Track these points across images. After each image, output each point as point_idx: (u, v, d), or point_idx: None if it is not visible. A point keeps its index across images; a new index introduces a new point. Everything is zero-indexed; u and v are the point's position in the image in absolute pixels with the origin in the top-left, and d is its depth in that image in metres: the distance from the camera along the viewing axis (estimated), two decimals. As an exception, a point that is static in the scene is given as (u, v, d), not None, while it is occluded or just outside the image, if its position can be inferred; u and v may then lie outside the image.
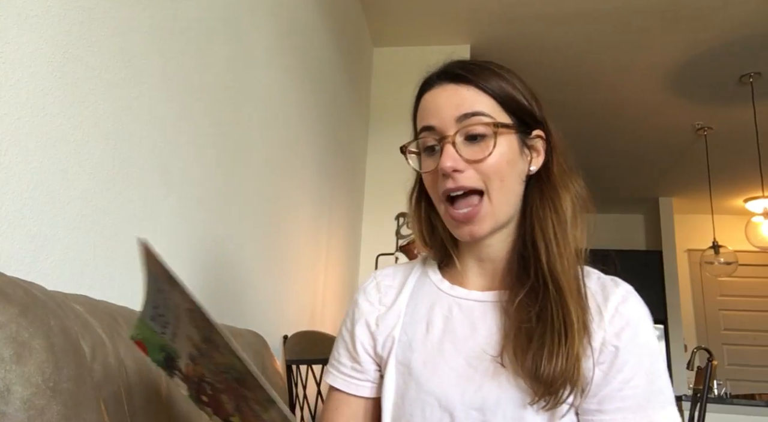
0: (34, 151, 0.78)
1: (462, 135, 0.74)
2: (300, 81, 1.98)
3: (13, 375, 0.49)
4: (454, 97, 0.76)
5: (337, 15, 2.47)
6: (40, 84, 0.79)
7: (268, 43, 1.67)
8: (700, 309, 5.31)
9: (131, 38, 1.00)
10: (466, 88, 0.76)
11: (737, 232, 4.08)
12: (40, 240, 0.78)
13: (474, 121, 0.74)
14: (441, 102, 0.76)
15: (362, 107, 2.98)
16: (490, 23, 2.89)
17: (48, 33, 0.81)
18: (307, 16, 2.06)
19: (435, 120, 0.76)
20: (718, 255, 3.97)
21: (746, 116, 3.44)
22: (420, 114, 0.80)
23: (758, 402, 3.26)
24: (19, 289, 0.55)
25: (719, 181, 4.18)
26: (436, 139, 0.76)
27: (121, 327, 0.73)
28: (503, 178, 0.73)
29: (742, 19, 2.75)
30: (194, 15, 1.23)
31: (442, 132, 0.75)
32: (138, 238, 0.51)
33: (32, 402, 0.50)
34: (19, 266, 0.75)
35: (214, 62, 1.33)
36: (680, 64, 3.17)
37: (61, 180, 0.82)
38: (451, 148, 0.73)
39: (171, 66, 1.13)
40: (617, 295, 0.72)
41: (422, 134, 0.77)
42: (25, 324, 0.51)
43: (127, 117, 0.99)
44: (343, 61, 2.56)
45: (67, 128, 0.84)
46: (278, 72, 1.76)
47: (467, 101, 0.75)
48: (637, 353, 0.69)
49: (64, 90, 0.84)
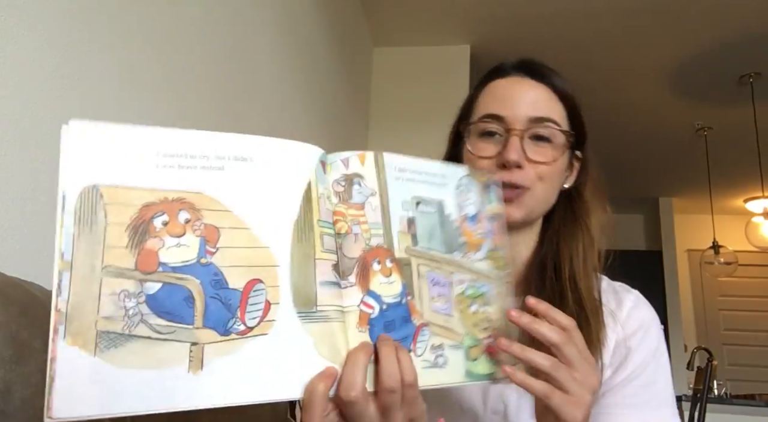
0: (34, 150, 0.78)
1: (530, 134, 0.74)
2: (300, 81, 1.98)
3: (13, 375, 0.49)
4: (529, 94, 0.75)
5: (337, 15, 2.47)
6: (40, 84, 0.79)
7: (268, 43, 1.67)
8: (700, 309, 5.31)
9: (132, 38, 1.00)
10: (543, 88, 0.76)
11: (737, 232, 4.08)
12: (40, 240, 0.78)
13: (547, 126, 0.74)
14: (517, 95, 0.75)
15: (362, 107, 2.98)
16: (490, 23, 2.89)
17: (48, 33, 0.81)
18: (307, 16, 2.06)
19: (506, 111, 0.74)
20: (718, 256, 3.97)
21: (746, 116, 3.44)
22: (486, 99, 0.78)
23: (758, 402, 3.26)
24: (19, 289, 0.55)
25: (719, 181, 4.18)
26: (501, 128, 0.74)
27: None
28: (552, 185, 0.75)
29: (742, 19, 2.75)
30: (195, 15, 1.23)
31: (511, 124, 0.74)
32: None
33: (32, 403, 0.50)
34: (19, 266, 0.75)
35: (215, 62, 1.33)
36: (680, 64, 3.17)
37: (61, 180, 0.83)
38: (518, 142, 0.72)
39: (171, 66, 1.13)
40: (629, 301, 0.75)
41: (486, 120, 0.75)
42: (24, 324, 0.51)
43: (127, 117, 0.99)
44: (343, 61, 2.55)
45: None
46: (278, 72, 1.76)
47: (543, 104, 0.75)
48: (644, 354, 0.71)
49: (64, 90, 0.84)
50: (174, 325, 0.45)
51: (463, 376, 0.56)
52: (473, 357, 0.57)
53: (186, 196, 0.48)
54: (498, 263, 0.62)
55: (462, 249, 0.60)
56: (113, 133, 0.50)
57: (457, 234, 0.60)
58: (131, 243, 0.46)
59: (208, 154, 0.50)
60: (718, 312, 5.28)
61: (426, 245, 0.58)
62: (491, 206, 0.63)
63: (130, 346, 0.44)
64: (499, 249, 0.62)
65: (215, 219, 0.48)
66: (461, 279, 0.59)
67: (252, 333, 0.47)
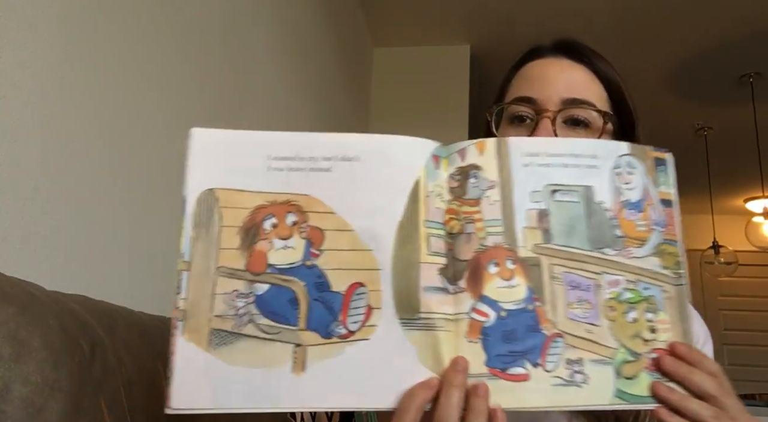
0: (34, 150, 0.78)
1: (563, 117, 0.67)
2: (299, 81, 1.98)
3: (12, 374, 0.49)
4: (565, 74, 0.69)
5: (337, 15, 2.47)
6: (40, 84, 0.79)
7: (267, 43, 1.67)
8: (700, 309, 5.21)
9: (131, 38, 1.01)
10: (581, 69, 0.70)
11: (737, 232, 4.08)
12: (39, 240, 0.78)
13: (583, 107, 0.67)
14: (550, 75, 0.69)
15: (362, 107, 2.98)
16: (490, 23, 2.89)
17: (48, 33, 0.81)
18: (307, 16, 2.06)
19: (537, 93, 0.68)
20: (718, 255, 3.96)
21: (746, 116, 3.43)
22: (518, 82, 0.72)
23: (758, 402, 3.26)
24: (18, 288, 0.55)
25: (719, 181, 4.17)
26: (531, 111, 0.68)
27: (120, 326, 0.73)
28: None
29: (742, 19, 2.75)
30: (194, 15, 1.23)
31: (542, 105, 0.67)
32: None
33: (31, 401, 0.50)
34: (19, 266, 0.75)
35: (214, 62, 1.33)
36: (680, 64, 3.17)
37: (61, 180, 0.83)
38: (549, 124, 0.65)
39: (171, 66, 1.13)
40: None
41: (517, 103, 0.69)
42: (23, 323, 0.51)
43: (127, 117, 0.99)
44: (343, 61, 2.56)
45: (67, 128, 0.84)
46: (277, 72, 1.76)
47: (580, 84, 0.68)
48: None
49: (64, 90, 0.84)
50: (279, 326, 0.46)
51: (611, 398, 0.48)
52: (628, 375, 0.48)
53: (294, 198, 0.49)
54: (670, 260, 0.51)
55: (618, 244, 0.51)
56: (229, 139, 0.51)
57: (612, 226, 0.51)
58: (243, 245, 0.47)
59: (316, 155, 0.50)
60: (719, 312, 5.28)
61: (563, 241, 0.50)
62: (664, 188, 0.54)
63: (239, 345, 0.45)
64: (673, 242, 0.52)
65: (320, 220, 0.49)
66: (615, 281, 0.50)
67: (353, 337, 0.47)
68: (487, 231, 0.49)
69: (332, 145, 0.51)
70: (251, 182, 0.49)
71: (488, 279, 0.49)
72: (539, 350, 0.48)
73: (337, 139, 0.51)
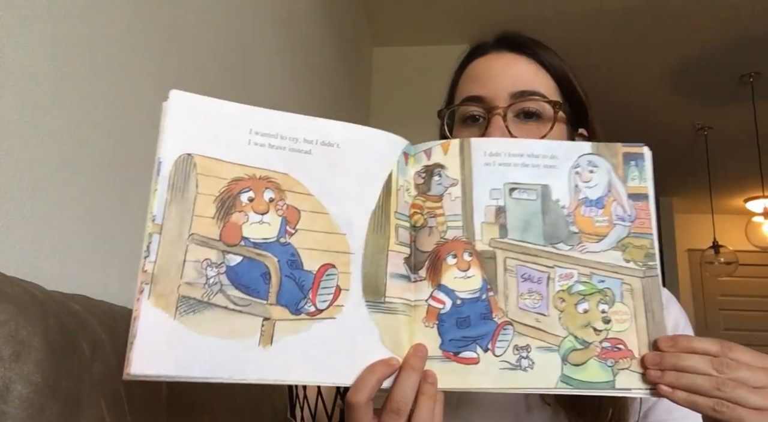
0: (34, 150, 0.78)
1: (514, 111, 0.67)
2: (299, 81, 1.98)
3: (12, 374, 0.49)
4: (511, 68, 0.69)
5: (338, 15, 2.47)
6: (40, 84, 0.79)
7: (267, 43, 1.67)
8: (700, 309, 5.31)
9: (131, 38, 1.01)
10: (525, 61, 0.69)
11: (737, 232, 4.08)
12: (39, 240, 0.78)
13: (532, 99, 0.66)
14: (495, 71, 0.69)
15: (362, 107, 2.98)
16: (490, 23, 2.88)
17: (48, 33, 0.81)
18: (307, 16, 2.06)
19: (484, 90, 0.68)
20: (718, 255, 3.97)
21: (746, 116, 3.43)
22: (465, 82, 0.72)
23: (758, 402, 3.25)
24: (18, 288, 0.55)
25: (719, 181, 4.17)
26: (482, 110, 0.68)
27: (120, 326, 0.73)
28: None
29: (742, 19, 2.75)
30: (195, 15, 1.23)
31: (491, 102, 0.67)
32: None
33: (32, 401, 0.50)
34: (19, 266, 0.75)
35: (214, 61, 1.33)
36: (680, 64, 3.17)
37: (61, 180, 0.82)
38: (501, 121, 0.65)
39: (171, 66, 1.13)
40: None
41: (466, 103, 0.69)
42: (23, 323, 0.51)
43: (127, 117, 0.99)
44: (343, 61, 2.56)
45: (67, 128, 0.84)
46: (277, 72, 1.76)
47: (525, 76, 0.68)
48: None
49: (64, 90, 0.84)
50: (249, 299, 0.47)
51: (557, 382, 0.50)
52: (575, 362, 0.50)
53: (272, 175, 0.49)
54: (637, 253, 0.53)
55: (573, 240, 0.53)
56: (211, 107, 0.52)
57: (567, 223, 0.53)
58: (218, 214, 0.48)
59: (298, 137, 0.51)
60: (719, 311, 5.28)
61: (518, 236, 0.53)
62: (635, 183, 0.55)
63: (207, 314, 0.45)
64: (643, 235, 0.53)
65: (297, 201, 0.50)
66: (568, 274, 0.52)
67: (321, 315, 0.49)
68: (447, 226, 0.53)
69: (314, 129, 0.52)
70: (231, 153, 0.49)
71: (446, 270, 0.52)
72: (490, 336, 0.51)
73: (319, 124, 0.52)
